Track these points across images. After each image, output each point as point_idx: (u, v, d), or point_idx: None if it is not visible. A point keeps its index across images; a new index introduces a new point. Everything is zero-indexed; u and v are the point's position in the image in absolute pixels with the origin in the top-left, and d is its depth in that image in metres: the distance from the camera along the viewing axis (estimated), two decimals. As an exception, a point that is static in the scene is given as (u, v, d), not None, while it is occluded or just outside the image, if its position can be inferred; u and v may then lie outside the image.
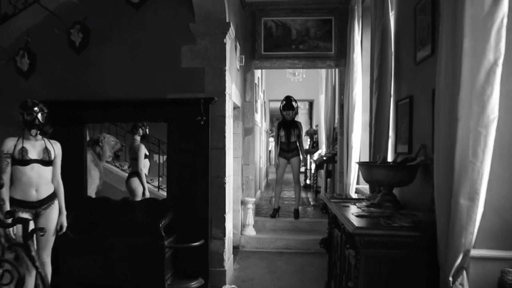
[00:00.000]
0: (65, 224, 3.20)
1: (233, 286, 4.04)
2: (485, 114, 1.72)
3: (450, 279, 1.90)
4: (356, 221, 2.28)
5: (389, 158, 3.34)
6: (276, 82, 9.95)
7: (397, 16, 3.35)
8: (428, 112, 2.50)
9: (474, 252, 1.87)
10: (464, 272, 1.89)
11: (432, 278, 2.07)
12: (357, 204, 2.90)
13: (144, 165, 4.93)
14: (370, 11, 3.85)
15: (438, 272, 2.01)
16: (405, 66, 3.12)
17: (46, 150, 3.01)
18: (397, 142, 3.26)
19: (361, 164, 2.92)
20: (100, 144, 4.97)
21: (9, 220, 2.23)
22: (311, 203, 7.49)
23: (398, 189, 3.01)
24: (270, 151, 15.47)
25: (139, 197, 4.86)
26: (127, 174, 5.36)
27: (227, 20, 3.92)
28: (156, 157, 6.05)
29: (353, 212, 2.56)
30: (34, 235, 2.33)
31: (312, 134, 10.00)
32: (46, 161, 3.00)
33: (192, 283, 3.83)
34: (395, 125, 3.34)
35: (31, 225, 2.58)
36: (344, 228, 2.49)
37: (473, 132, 1.75)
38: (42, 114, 3.00)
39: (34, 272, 2.61)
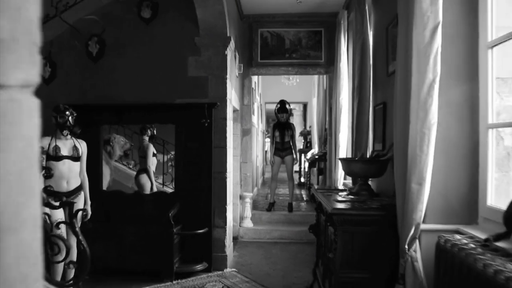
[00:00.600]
0: (89, 212, 3.72)
1: (233, 269, 4.57)
2: (428, 119, 2.27)
3: (406, 247, 2.44)
4: (335, 204, 2.83)
5: (368, 155, 3.89)
6: (272, 86, 10.51)
7: (374, 33, 3.91)
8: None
9: (423, 226, 2.42)
10: (417, 241, 2.44)
11: (394, 247, 2.61)
12: (339, 193, 3.45)
13: (152, 163, 5.45)
14: (352, 27, 4.41)
15: (398, 242, 2.55)
16: (380, 77, 3.68)
17: (75, 148, 3.53)
18: (375, 141, 3.81)
19: (342, 160, 3.48)
20: (111, 143, 5.48)
21: (57, 203, 2.74)
22: (305, 199, 8.04)
23: (375, 180, 3.56)
24: (266, 151, 16.00)
25: (147, 192, 5.38)
26: (134, 172, 5.86)
27: (228, 34, 4.46)
28: (160, 156, 6.56)
29: (334, 198, 3.11)
30: (78, 214, 2.86)
31: (306, 134, 10.56)
32: (75, 157, 3.52)
33: (197, 266, 4.37)
34: (373, 126, 3.89)
35: (75, 208, 3.10)
36: (326, 211, 3.03)
37: (419, 132, 2.30)
38: (72, 117, 3.52)
39: (75, 245, 3.15)
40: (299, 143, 10.95)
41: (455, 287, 1.99)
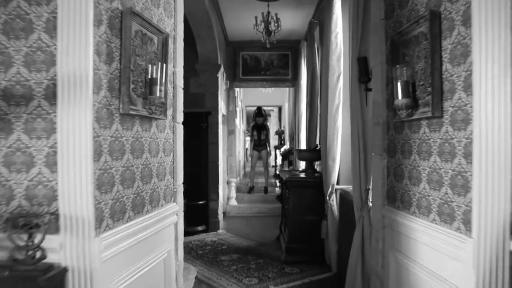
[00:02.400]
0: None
1: (224, 230, 6.37)
2: (336, 125, 4.12)
3: (327, 198, 4.30)
4: (288, 176, 4.67)
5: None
6: (251, 92, 12.33)
7: (320, 63, 5.76)
8: (326, 122, 4.91)
9: (336, 186, 4.28)
10: (333, 195, 4.30)
11: (322, 199, 4.47)
12: (294, 172, 5.30)
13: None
14: (306, 55, 6.26)
15: (324, 196, 4.40)
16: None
17: None
18: (320, 137, 5.66)
19: (296, 150, 5.33)
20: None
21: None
22: (277, 185, 9.90)
23: (319, 163, 5.42)
24: (246, 148, 17.84)
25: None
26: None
27: (219, 63, 6.25)
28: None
29: (290, 174, 4.95)
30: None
31: (280, 133, 12.44)
32: None
33: (199, 228, 6.14)
34: (319, 128, 5.74)
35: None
36: (284, 180, 4.88)
37: (332, 132, 4.15)
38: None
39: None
40: (275, 141, 12.86)
41: (344, 212, 3.86)
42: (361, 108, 2.94)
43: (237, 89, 9.10)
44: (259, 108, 8.47)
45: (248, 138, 15.48)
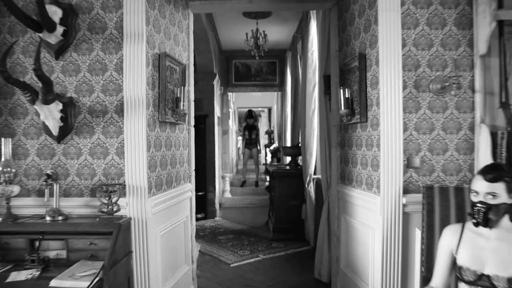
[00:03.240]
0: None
1: (220, 218, 7.31)
2: (312, 126, 5.10)
3: (306, 185, 5.28)
4: (275, 169, 5.64)
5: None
6: (243, 95, 13.26)
7: (301, 71, 6.73)
8: (306, 123, 5.90)
9: (313, 176, 5.26)
10: (311, 183, 5.28)
11: (302, 187, 5.43)
12: (280, 165, 6.27)
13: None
14: (290, 64, 7.23)
15: (303, 184, 5.38)
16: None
17: None
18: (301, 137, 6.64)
19: (281, 147, 6.31)
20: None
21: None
22: (267, 180, 10.86)
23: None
24: (238, 148, 18.81)
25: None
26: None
27: (214, 72, 7.19)
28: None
29: (277, 167, 5.92)
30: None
31: (270, 133, 13.42)
32: None
33: (198, 215, 7.08)
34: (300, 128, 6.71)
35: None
36: (271, 172, 5.84)
37: (309, 131, 5.13)
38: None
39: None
40: (265, 140, 13.83)
41: (319, 196, 4.84)
42: (326, 113, 3.92)
43: (230, 93, 10.05)
44: (250, 111, 9.44)
45: (240, 138, 16.42)
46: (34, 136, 2.56)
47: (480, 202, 1.70)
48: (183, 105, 2.87)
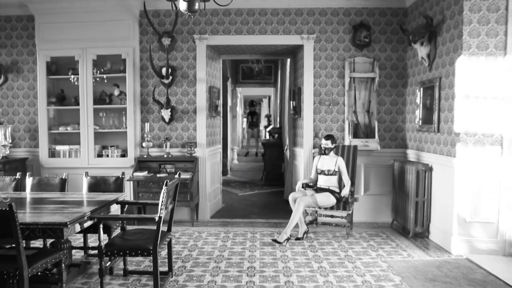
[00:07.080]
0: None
1: (230, 175, 10.84)
2: (285, 116, 8.51)
3: (284, 151, 8.78)
4: (266, 141, 9.13)
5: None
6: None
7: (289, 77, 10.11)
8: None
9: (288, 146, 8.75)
10: (287, 150, 8.76)
11: (282, 152, 8.90)
12: (271, 139, 9.73)
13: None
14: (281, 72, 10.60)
15: (283, 151, 8.84)
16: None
17: None
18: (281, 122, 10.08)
19: (272, 128, 9.78)
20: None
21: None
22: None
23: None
24: (243, 128, 22.31)
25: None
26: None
27: (228, 76, 10.58)
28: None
29: (268, 140, 9.39)
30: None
31: (268, 116, 16.82)
32: None
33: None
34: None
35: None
36: (264, 143, 9.32)
37: (284, 120, 8.55)
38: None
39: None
40: (265, 121, 17.24)
41: (290, 157, 8.34)
42: (289, 111, 7.36)
43: (238, 88, 13.48)
44: (252, 101, 12.87)
45: (245, 120, 19.83)
46: (157, 122, 6.04)
47: (325, 146, 5.17)
48: (220, 109, 6.34)
